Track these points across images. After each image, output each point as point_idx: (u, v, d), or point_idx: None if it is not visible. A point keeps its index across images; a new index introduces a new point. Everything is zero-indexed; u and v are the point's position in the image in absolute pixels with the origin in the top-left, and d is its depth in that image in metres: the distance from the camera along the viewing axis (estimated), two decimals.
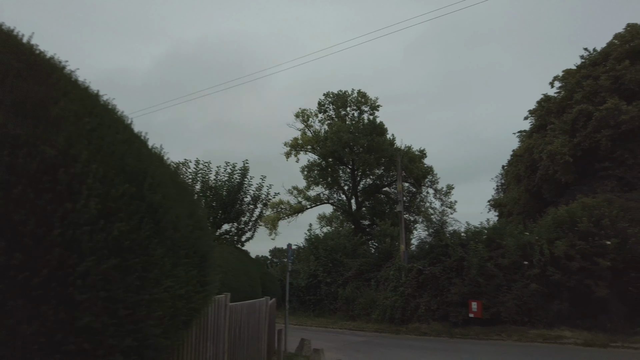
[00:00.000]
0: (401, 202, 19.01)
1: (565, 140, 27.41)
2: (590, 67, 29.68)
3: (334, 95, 39.26)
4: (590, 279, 13.55)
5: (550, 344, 12.94)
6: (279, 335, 10.10)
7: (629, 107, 24.64)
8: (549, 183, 30.83)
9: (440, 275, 16.32)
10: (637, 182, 24.01)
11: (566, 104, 29.60)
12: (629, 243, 13.50)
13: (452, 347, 13.03)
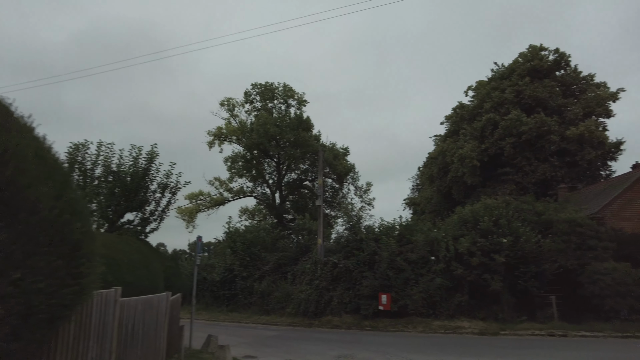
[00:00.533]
0: (321, 196, 19.12)
1: (475, 146, 29.59)
2: (499, 80, 32.35)
3: (261, 86, 38.48)
4: (488, 273, 14.69)
5: (450, 334, 13.80)
6: (181, 331, 9.51)
7: (528, 119, 27.25)
8: (458, 184, 33.12)
9: (353, 268, 16.69)
10: (531, 187, 26.63)
11: (477, 112, 31.97)
12: (520, 241, 14.84)
13: (359, 339, 13.34)
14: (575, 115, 27.34)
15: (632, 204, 17.57)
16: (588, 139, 26.04)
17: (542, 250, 15.01)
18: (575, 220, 15.72)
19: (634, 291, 13.25)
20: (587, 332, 12.51)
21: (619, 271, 13.71)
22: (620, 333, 12.17)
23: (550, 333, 12.77)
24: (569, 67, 30.91)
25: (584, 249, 15.30)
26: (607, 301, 13.52)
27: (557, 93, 29.03)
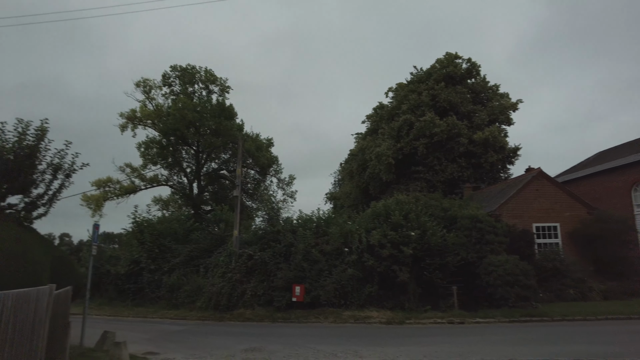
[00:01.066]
0: (239, 186, 18.56)
1: (391, 145, 30.83)
2: (417, 83, 33.99)
3: (181, 69, 36.37)
4: (396, 264, 15.31)
5: (360, 323, 14.16)
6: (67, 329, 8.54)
7: (441, 122, 29.00)
8: (375, 181, 34.35)
9: (269, 260, 16.46)
10: (440, 185, 28.40)
11: (395, 113, 33.34)
12: (427, 235, 15.68)
13: (270, 331, 13.18)
14: (481, 121, 29.69)
15: (524, 203, 19.48)
16: (492, 143, 28.44)
17: (447, 244, 16.00)
18: (476, 216, 17.01)
19: (520, 281, 14.65)
20: (481, 319, 13.58)
21: (509, 263, 15.07)
22: (508, 318, 13.39)
23: (450, 321, 13.67)
24: (479, 76, 33.47)
25: (483, 243, 16.62)
26: (498, 290, 14.81)
27: (468, 99, 31.31)
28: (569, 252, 18.98)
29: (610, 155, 26.86)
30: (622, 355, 8.20)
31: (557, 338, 10.42)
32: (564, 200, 19.81)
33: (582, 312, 13.76)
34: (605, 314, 13.37)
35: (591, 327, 11.88)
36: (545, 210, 19.54)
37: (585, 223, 19.04)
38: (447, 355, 8.84)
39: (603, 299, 16.38)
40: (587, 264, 19.13)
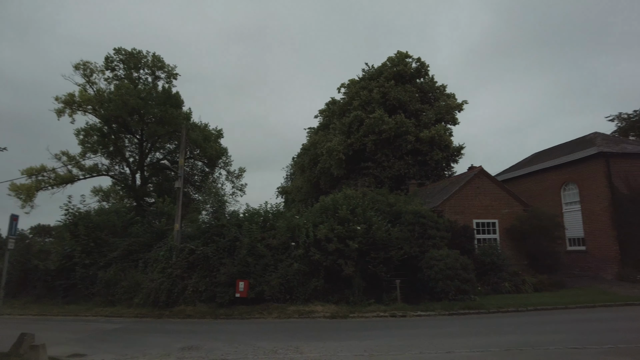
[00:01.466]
0: (181, 177, 17.76)
1: (342, 140, 30.98)
2: (368, 80, 34.38)
3: (126, 53, 34.26)
4: (342, 258, 15.35)
5: (304, 318, 14.03)
6: None
7: (390, 119, 29.51)
8: (325, 175, 34.44)
9: (212, 255, 15.92)
10: (387, 181, 28.96)
11: (346, 109, 33.57)
12: (372, 229, 15.84)
13: (211, 328, 12.73)
14: (428, 120, 30.55)
15: (465, 200, 20.24)
16: (437, 142, 29.35)
17: (391, 238, 16.25)
18: (419, 212, 17.42)
19: (460, 274, 15.18)
20: (422, 312, 13.92)
21: (450, 257, 15.57)
22: (447, 311, 13.81)
23: (393, 314, 13.89)
24: (428, 76, 34.42)
25: (426, 237, 17.06)
26: (439, 284, 15.26)
27: (416, 98, 32.11)
28: (506, 247, 19.99)
29: (544, 156, 28.60)
30: (549, 344, 8.64)
31: (492, 329, 10.85)
32: (503, 198, 20.82)
33: (515, 303, 14.49)
34: (535, 305, 14.15)
35: (523, 318, 12.51)
36: (485, 207, 20.44)
37: (520, 220, 20.12)
38: (387, 349, 8.90)
39: (534, 291, 17.37)
40: (522, 258, 20.26)
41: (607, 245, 21.23)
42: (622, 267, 20.40)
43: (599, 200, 21.67)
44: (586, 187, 22.44)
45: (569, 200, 23.87)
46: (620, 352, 7.90)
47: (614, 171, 21.36)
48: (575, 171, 23.25)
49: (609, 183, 21.18)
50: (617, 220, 20.83)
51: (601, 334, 9.57)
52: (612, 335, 9.43)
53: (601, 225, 21.50)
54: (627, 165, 21.80)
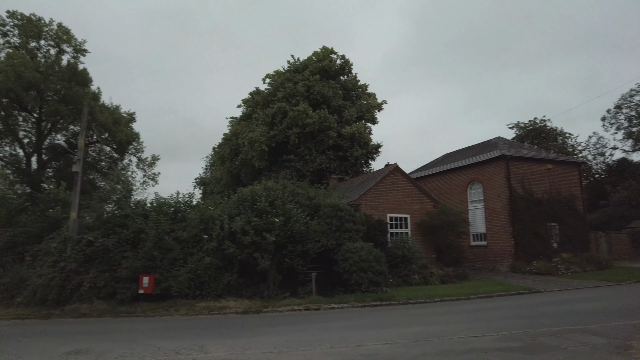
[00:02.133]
0: (80, 161, 15.87)
1: (264, 131, 30.30)
2: (294, 72, 34.02)
3: (22, 17, 29.97)
4: (258, 252, 14.83)
5: (214, 314, 13.30)
6: None
7: (313, 113, 29.46)
8: (247, 167, 33.53)
9: (113, 248, 14.44)
10: (309, 175, 28.92)
11: (270, 100, 32.91)
12: (291, 222, 15.52)
13: (108, 328, 11.49)
14: (350, 117, 31.05)
15: (380, 195, 20.81)
16: (357, 139, 29.93)
17: (309, 231, 16.08)
18: (338, 205, 17.49)
19: (374, 267, 15.49)
20: (336, 305, 13.93)
21: (365, 250, 15.82)
22: (360, 303, 13.99)
23: (307, 307, 13.71)
24: (351, 74, 34.98)
25: (342, 230, 17.17)
26: (354, 276, 15.44)
27: (339, 95, 32.45)
28: (416, 241, 20.93)
29: (453, 157, 30.58)
30: (454, 334, 9.00)
31: (402, 321, 11.13)
32: (415, 194, 21.77)
33: (424, 295, 15.15)
34: (441, 296, 14.91)
35: (430, 309, 13.06)
36: (398, 203, 21.20)
37: (430, 215, 21.19)
38: (297, 344, 8.63)
39: (441, 283, 18.38)
40: (430, 251, 21.35)
41: (504, 240, 23.24)
42: (516, 260, 22.49)
43: (499, 199, 23.64)
44: (489, 187, 24.36)
45: (474, 199, 25.75)
46: (514, 337, 8.47)
47: (512, 173, 23.43)
48: (480, 172, 25.13)
49: (508, 183, 23.19)
50: (513, 217, 22.89)
51: (498, 322, 10.24)
52: (507, 322, 10.14)
53: (500, 222, 23.49)
54: (523, 168, 24.04)
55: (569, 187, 25.45)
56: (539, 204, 23.82)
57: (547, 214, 23.98)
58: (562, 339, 8.04)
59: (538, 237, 23.31)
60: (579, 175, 26.35)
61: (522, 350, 7.34)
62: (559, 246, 23.85)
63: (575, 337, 8.22)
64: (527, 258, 22.46)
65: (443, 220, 20.79)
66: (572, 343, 7.72)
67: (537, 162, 24.60)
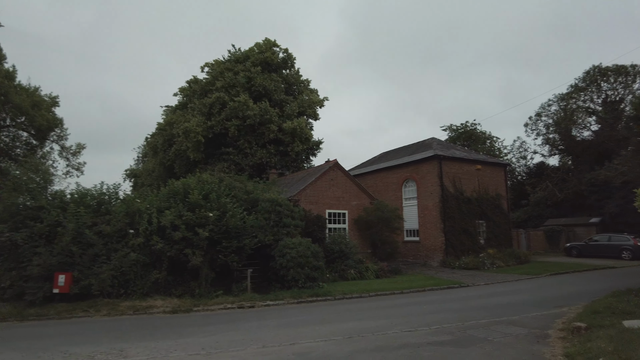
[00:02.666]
0: None
1: (201, 121, 29.05)
2: (234, 62, 32.97)
3: None
4: (190, 248, 14.05)
5: (140, 315, 12.38)
6: None
7: (254, 105, 28.73)
8: (181, 158, 32.00)
9: (23, 243, 12.93)
10: (248, 169, 28.19)
11: (209, 89, 31.63)
12: (226, 216, 14.92)
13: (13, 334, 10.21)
14: (292, 111, 30.69)
15: (320, 190, 20.74)
16: (299, 134, 29.67)
17: (246, 226, 15.55)
18: (276, 200, 17.12)
19: (311, 262, 15.35)
20: (271, 302, 13.57)
21: (302, 245, 15.62)
22: (296, 299, 13.76)
23: (241, 305, 13.21)
24: (294, 68, 34.59)
25: (281, 226, 16.85)
26: (290, 272, 15.18)
27: (281, 89, 31.95)
28: (353, 236, 21.14)
29: (390, 156, 31.36)
30: (388, 329, 9.05)
31: (337, 317, 11.04)
32: (353, 191, 21.97)
33: (359, 289, 15.25)
34: (376, 291, 15.10)
35: (365, 304, 13.14)
36: (337, 198, 21.28)
37: (367, 211, 21.51)
38: (228, 344, 8.19)
39: (376, 277, 18.70)
40: (366, 246, 21.68)
41: (435, 236, 24.21)
42: (446, 256, 23.51)
43: (432, 197, 24.56)
44: (423, 185, 25.24)
45: (408, 196, 26.56)
46: (445, 331, 8.68)
47: (444, 172, 24.44)
48: (414, 170, 25.95)
49: (440, 182, 24.16)
50: (444, 214, 23.89)
51: (430, 316, 10.50)
52: (438, 316, 10.42)
53: (432, 219, 24.42)
54: (455, 168, 25.16)
55: (496, 187, 27.11)
56: (468, 202, 25.11)
57: (475, 212, 25.35)
58: (489, 331, 8.37)
59: (467, 233, 24.58)
60: (504, 176, 28.17)
61: (452, 344, 7.51)
62: (486, 242, 25.34)
63: (500, 328, 8.60)
64: (457, 253, 23.59)
65: (379, 216, 21.19)
66: (498, 334, 8.05)
67: (468, 163, 25.92)
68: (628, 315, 8.22)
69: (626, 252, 24.53)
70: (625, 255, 24.48)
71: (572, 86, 38.51)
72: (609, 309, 8.92)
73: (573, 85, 38.47)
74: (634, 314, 8.22)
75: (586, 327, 7.36)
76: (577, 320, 8.29)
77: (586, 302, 11.48)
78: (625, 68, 35.42)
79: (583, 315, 8.70)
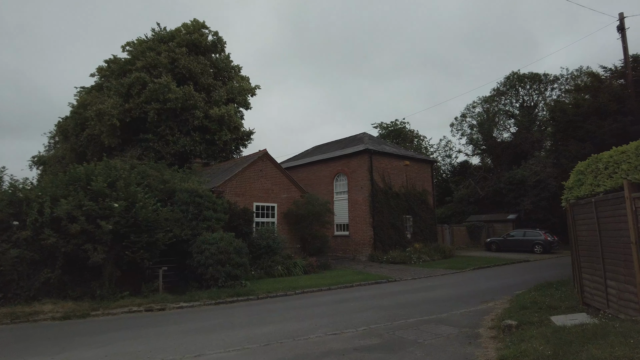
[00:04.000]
0: None
1: (117, 103, 26.27)
2: (158, 42, 30.31)
3: None
4: (90, 243, 12.18)
5: (20, 323, 10.38)
6: None
7: (177, 88, 26.53)
8: (94, 144, 28.82)
9: None
10: (170, 157, 26.03)
11: (128, 69, 28.75)
12: (135, 207, 13.17)
13: None
14: (220, 98, 28.85)
15: (247, 182, 19.47)
16: (227, 122, 27.97)
17: (159, 219, 13.90)
18: (196, 190, 15.61)
19: (233, 259, 14.10)
20: (185, 303, 12.17)
21: (224, 241, 14.31)
22: (214, 300, 12.47)
23: (149, 308, 11.66)
24: (224, 52, 32.64)
25: (200, 219, 15.39)
26: (210, 269, 13.84)
27: (209, 73, 29.92)
28: (283, 231, 20.17)
29: (322, 149, 30.82)
30: (310, 332, 8.19)
31: (256, 319, 10.00)
32: (283, 183, 20.97)
33: (285, 287, 14.33)
34: (303, 288, 14.28)
35: (290, 302, 12.25)
36: (266, 191, 20.15)
37: (297, 204, 20.64)
38: (120, 357, 6.82)
39: (304, 273, 17.93)
40: (296, 241, 20.83)
41: (364, 230, 24.01)
42: (374, 250, 23.39)
43: (362, 191, 24.32)
44: (353, 179, 24.92)
45: (339, 190, 26.15)
46: (373, 333, 8.00)
47: (374, 166, 24.30)
48: (346, 164, 25.57)
49: (370, 176, 23.97)
50: (373, 209, 23.75)
51: (357, 315, 9.83)
52: (366, 315, 9.78)
53: (361, 213, 24.19)
54: (384, 163, 25.16)
55: (422, 183, 27.63)
56: (396, 197, 25.24)
57: (403, 207, 25.57)
58: (419, 332, 7.81)
59: (394, 228, 24.70)
60: (431, 172, 28.82)
61: (381, 349, 6.81)
62: (412, 237, 25.68)
63: (430, 328, 8.10)
64: (385, 248, 23.59)
65: (309, 210, 20.43)
66: (428, 335, 7.51)
67: (397, 158, 26.07)
68: (554, 310, 8.12)
69: (538, 246, 26.23)
70: (537, 249, 26.18)
71: (495, 90, 40.78)
72: (535, 304, 8.81)
73: (495, 89, 40.75)
74: (559, 309, 8.15)
75: (517, 325, 7.05)
76: (506, 317, 8.02)
77: (510, 295, 11.56)
78: (539, 76, 38.17)
79: (511, 312, 8.47)
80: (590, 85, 19.80)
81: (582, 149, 18.02)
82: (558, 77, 37.21)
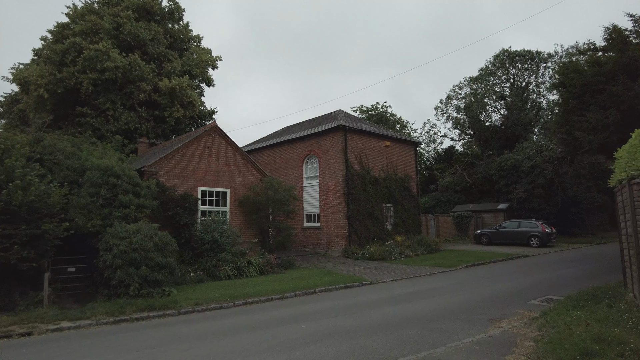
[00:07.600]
0: None
1: (47, 71, 22.13)
2: (104, 4, 26.16)
3: None
4: None
5: None
6: None
7: (119, 56, 22.54)
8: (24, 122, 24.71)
9: None
10: (110, 136, 22.11)
11: (65, 35, 24.57)
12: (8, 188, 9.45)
13: None
14: (173, 69, 24.93)
15: (190, 161, 15.79)
16: (179, 96, 24.09)
17: (50, 204, 10.22)
18: (110, 169, 11.87)
19: (152, 258, 10.49)
20: (69, 323, 8.53)
21: (141, 234, 10.69)
22: (114, 317, 8.86)
23: (8, 333, 7.97)
24: (182, 22, 28.68)
25: (115, 206, 11.71)
26: (117, 273, 10.22)
27: (162, 42, 25.89)
28: (237, 222, 16.65)
29: (293, 130, 27.23)
30: None
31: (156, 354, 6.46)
32: (238, 164, 17.36)
33: (225, 295, 10.84)
34: (249, 296, 10.83)
35: (218, 321, 8.77)
36: (216, 173, 16.52)
37: (255, 190, 17.11)
38: None
39: (260, 274, 14.55)
40: (253, 235, 17.31)
41: (338, 221, 20.63)
42: (349, 244, 20.05)
43: (335, 175, 20.89)
44: (325, 161, 21.46)
45: (309, 175, 22.67)
46: None
47: (350, 147, 20.90)
48: (317, 144, 22.07)
49: (345, 158, 20.55)
50: (348, 196, 20.37)
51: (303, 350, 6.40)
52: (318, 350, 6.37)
53: (335, 200, 20.78)
54: (361, 143, 21.76)
55: (405, 167, 24.38)
56: (375, 183, 21.93)
57: (383, 194, 22.29)
58: None
59: (373, 218, 21.40)
60: (414, 156, 25.57)
61: None
62: (393, 228, 22.45)
63: None
64: (361, 241, 20.30)
65: (269, 197, 16.93)
66: None
67: (376, 138, 22.71)
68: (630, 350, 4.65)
69: (534, 238, 23.24)
70: (534, 242, 23.19)
71: (483, 69, 37.68)
72: (600, 340, 5.04)
73: (484, 68, 37.64)
74: None
75: None
76: None
77: (524, 308, 8.32)
78: (532, 53, 35.21)
79: (546, 350, 5.06)
80: (613, 41, 16.40)
81: (604, 117, 14.83)
82: (552, 54, 34.39)
